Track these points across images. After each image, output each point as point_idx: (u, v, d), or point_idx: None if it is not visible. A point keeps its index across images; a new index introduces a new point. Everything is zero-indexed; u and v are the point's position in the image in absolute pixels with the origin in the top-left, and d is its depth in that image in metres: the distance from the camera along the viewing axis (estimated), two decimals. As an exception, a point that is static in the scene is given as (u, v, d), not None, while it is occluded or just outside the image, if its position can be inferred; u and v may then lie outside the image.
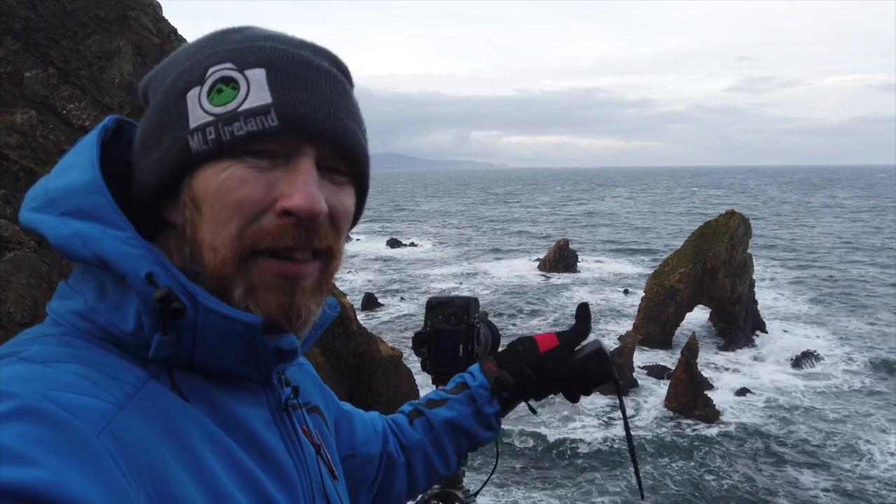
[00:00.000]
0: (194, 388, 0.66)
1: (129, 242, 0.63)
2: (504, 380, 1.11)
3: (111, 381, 0.59)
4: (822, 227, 67.41)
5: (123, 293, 0.64)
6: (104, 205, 0.64)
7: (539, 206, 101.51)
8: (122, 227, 0.63)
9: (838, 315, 30.82)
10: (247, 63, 0.67)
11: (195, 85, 0.67)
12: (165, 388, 0.63)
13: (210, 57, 0.68)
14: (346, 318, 19.48)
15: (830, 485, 15.83)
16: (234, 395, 0.70)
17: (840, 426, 19.02)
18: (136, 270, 0.61)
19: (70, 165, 0.67)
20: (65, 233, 0.63)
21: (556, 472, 16.46)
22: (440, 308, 1.15)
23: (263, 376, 0.72)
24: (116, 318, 0.64)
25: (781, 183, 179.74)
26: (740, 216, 28.13)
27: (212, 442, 0.64)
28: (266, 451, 0.70)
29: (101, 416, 0.56)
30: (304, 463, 0.76)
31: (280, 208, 0.66)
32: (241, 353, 0.68)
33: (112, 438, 0.55)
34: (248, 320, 0.65)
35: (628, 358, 21.43)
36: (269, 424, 0.73)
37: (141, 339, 0.64)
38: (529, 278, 39.89)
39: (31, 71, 14.51)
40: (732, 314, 26.32)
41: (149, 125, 0.70)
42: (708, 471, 16.53)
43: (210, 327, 0.64)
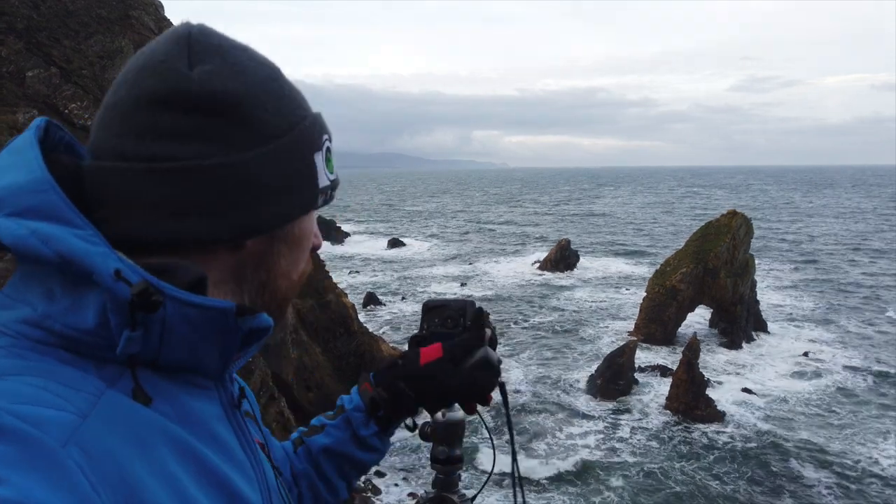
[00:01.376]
0: (155, 388, 0.65)
1: (90, 240, 0.61)
2: (379, 398, 1.07)
3: (71, 391, 0.58)
4: (824, 227, 67.33)
5: (77, 294, 0.62)
6: (58, 203, 0.62)
7: (540, 206, 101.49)
8: (81, 225, 0.62)
9: (840, 316, 30.78)
10: (330, 136, 0.81)
11: (317, 150, 0.78)
12: (125, 394, 0.62)
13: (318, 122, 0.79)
14: (348, 317, 19.49)
15: (833, 485, 15.81)
16: (189, 392, 0.70)
17: (842, 427, 19.00)
18: (105, 267, 0.60)
19: (6, 166, 0.65)
20: (21, 232, 0.60)
21: (557, 475, 16.45)
22: (436, 311, 1.13)
23: (221, 368, 0.72)
24: (73, 319, 0.62)
25: (783, 183, 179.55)
26: (742, 216, 28.11)
27: (176, 445, 0.63)
28: (225, 447, 0.71)
29: (66, 427, 0.54)
30: (258, 460, 0.77)
31: (314, 247, 0.85)
32: (211, 341, 0.68)
33: (79, 450, 0.54)
34: (222, 306, 0.67)
35: (629, 358, 21.41)
36: (223, 421, 0.73)
37: (102, 337, 0.62)
38: (531, 278, 39.88)
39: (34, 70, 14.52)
40: (734, 314, 26.30)
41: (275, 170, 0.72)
42: (709, 472, 16.51)
43: (181, 318, 0.64)
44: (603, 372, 21.40)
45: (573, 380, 22.35)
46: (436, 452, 1.17)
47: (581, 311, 31.47)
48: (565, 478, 16.09)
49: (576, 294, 35.17)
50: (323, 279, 19.20)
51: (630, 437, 18.26)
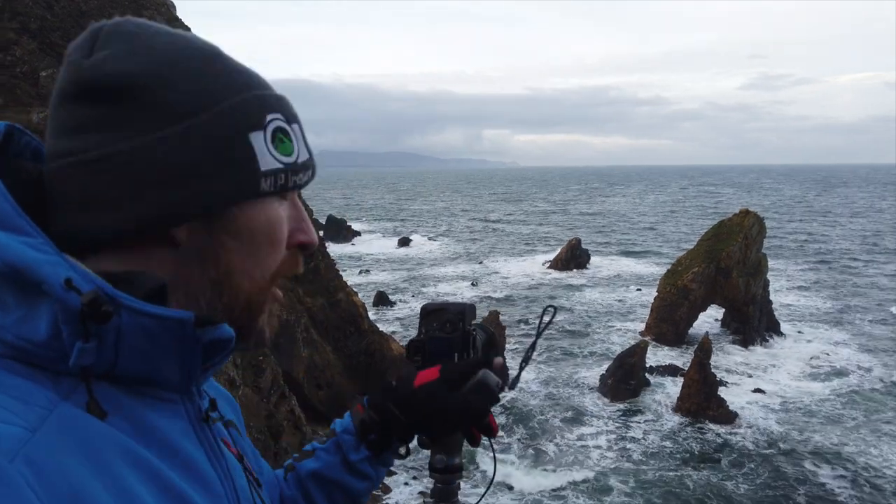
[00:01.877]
0: (112, 401, 0.63)
1: (40, 248, 0.59)
2: (370, 421, 1.03)
3: (21, 404, 0.56)
4: (838, 226, 66.70)
5: (29, 304, 0.61)
6: (7, 210, 0.60)
7: (550, 205, 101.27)
8: (31, 233, 0.60)
9: (854, 316, 30.48)
10: (289, 117, 0.75)
11: (256, 129, 0.70)
12: (79, 407, 0.60)
13: (258, 100, 0.72)
14: (358, 316, 19.53)
15: (848, 487, 15.66)
16: (151, 407, 0.67)
17: (856, 429, 18.81)
18: (55, 276, 0.58)
19: None
20: None
21: (569, 475, 16.40)
22: (435, 315, 1.09)
23: (184, 382, 0.70)
24: (25, 330, 0.60)
25: (796, 181, 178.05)
26: (754, 215, 27.90)
27: (132, 460, 0.61)
28: (189, 463, 0.68)
29: (14, 441, 0.53)
30: (228, 474, 0.74)
31: (298, 243, 0.77)
32: (168, 353, 0.66)
33: (27, 464, 0.52)
34: (180, 316, 0.64)
35: (640, 358, 21.32)
36: (189, 435, 0.71)
37: (54, 349, 0.60)
38: (541, 277, 39.79)
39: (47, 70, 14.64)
40: (746, 314, 26.11)
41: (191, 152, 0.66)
42: (723, 473, 16.40)
43: (137, 329, 0.62)
44: (614, 372, 21.31)
45: (584, 380, 22.28)
46: (434, 461, 1.11)
47: (592, 311, 31.36)
48: (577, 478, 16.03)
49: (586, 294, 35.05)
50: (333, 278, 19.25)
51: (642, 438, 18.17)
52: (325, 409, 17.97)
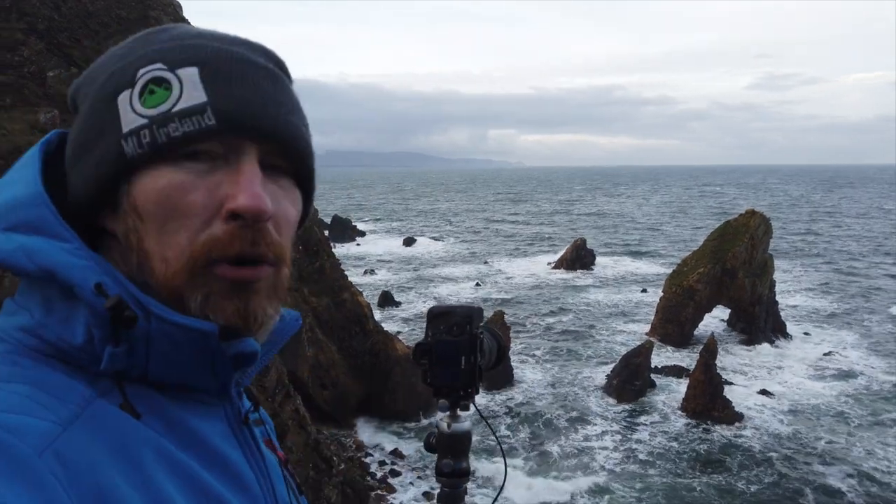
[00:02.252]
0: (147, 403, 0.63)
1: (75, 254, 0.61)
2: None
3: (56, 400, 0.57)
4: (845, 227, 66.38)
5: (70, 307, 0.62)
6: (48, 217, 0.62)
7: (555, 205, 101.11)
8: (68, 238, 0.62)
9: (861, 317, 30.32)
10: (178, 62, 0.65)
11: (126, 88, 0.65)
12: (114, 405, 0.61)
13: (139, 59, 0.66)
14: (363, 316, 19.54)
15: (856, 489, 15.56)
16: (189, 409, 0.67)
17: (863, 429, 18.71)
18: (85, 281, 0.60)
19: (12, 181, 0.66)
20: (8, 247, 0.61)
21: (574, 476, 16.37)
22: (442, 318, 1.08)
23: (221, 387, 0.70)
24: (65, 332, 0.62)
25: (803, 182, 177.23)
26: (760, 216, 27.79)
27: (165, 460, 0.61)
28: (226, 465, 0.68)
29: (44, 436, 0.54)
30: (267, 476, 0.74)
31: (226, 211, 0.63)
32: (197, 362, 0.66)
33: (56, 459, 0.53)
34: (203, 328, 0.63)
35: (645, 358, 21.26)
36: (229, 438, 0.71)
37: (90, 352, 0.62)
38: (546, 277, 39.74)
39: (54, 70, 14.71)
40: (752, 315, 26.02)
41: (80, 132, 0.67)
42: (729, 474, 16.34)
43: (164, 337, 0.62)
44: (619, 372, 21.26)
45: (589, 380, 22.24)
46: (441, 465, 1.11)
47: (597, 311, 31.30)
48: (582, 480, 15.99)
49: (591, 294, 34.98)
50: (338, 278, 19.27)
51: (648, 439, 18.12)
52: (329, 408, 18.00)
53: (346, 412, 18.49)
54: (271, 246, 0.67)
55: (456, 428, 1.10)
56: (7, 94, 13.62)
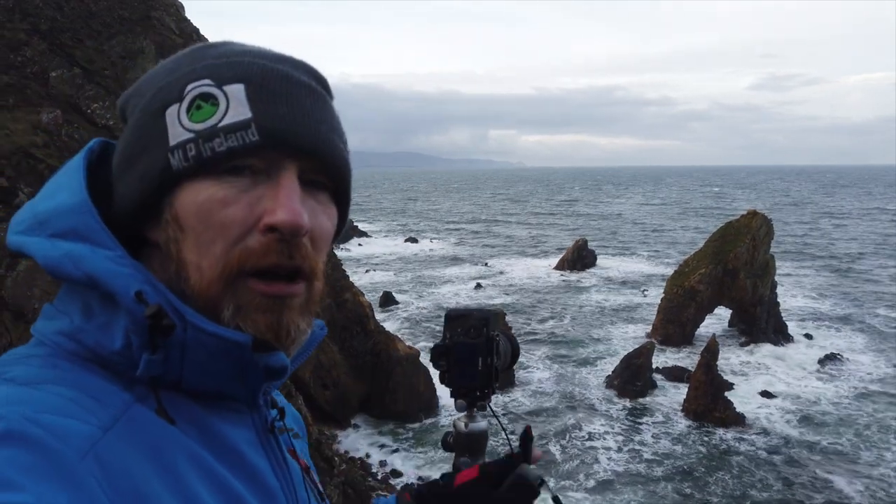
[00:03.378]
0: (181, 409, 0.65)
1: (118, 262, 0.63)
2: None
3: (96, 403, 0.59)
4: (847, 228, 66.27)
5: (111, 313, 0.64)
6: (93, 225, 0.64)
7: (556, 206, 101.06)
8: (111, 246, 0.64)
9: (864, 318, 30.26)
10: (225, 79, 0.67)
11: (174, 102, 0.67)
12: (151, 410, 0.62)
13: (188, 74, 0.68)
14: (364, 316, 19.55)
15: (861, 490, 15.52)
16: (220, 416, 0.69)
17: (867, 431, 18.65)
18: (126, 288, 0.61)
19: (58, 188, 0.68)
20: (54, 254, 0.63)
21: (576, 478, 16.36)
22: (459, 320, 1.10)
23: (250, 396, 0.72)
24: (104, 337, 0.64)
25: (805, 182, 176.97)
26: (762, 216, 27.76)
27: (198, 465, 0.63)
28: (253, 472, 0.70)
29: (86, 439, 0.55)
30: (291, 485, 0.76)
31: (264, 225, 0.65)
32: (229, 371, 0.67)
33: (96, 462, 0.54)
34: (236, 338, 0.65)
35: (647, 359, 21.26)
36: (256, 446, 0.72)
37: (128, 358, 0.63)
38: (547, 278, 39.73)
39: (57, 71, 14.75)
40: (753, 316, 25.99)
41: (128, 143, 0.70)
42: (732, 475, 16.31)
43: (199, 346, 0.64)
44: (620, 373, 21.26)
45: (590, 381, 22.23)
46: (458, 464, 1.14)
47: (598, 312, 31.28)
48: (585, 481, 15.98)
49: (593, 294, 34.97)
50: (340, 278, 19.28)
51: (649, 440, 18.11)
52: (331, 408, 18.02)
53: (347, 412, 18.51)
54: (306, 260, 0.69)
55: (473, 427, 1.14)
56: (10, 94, 13.65)
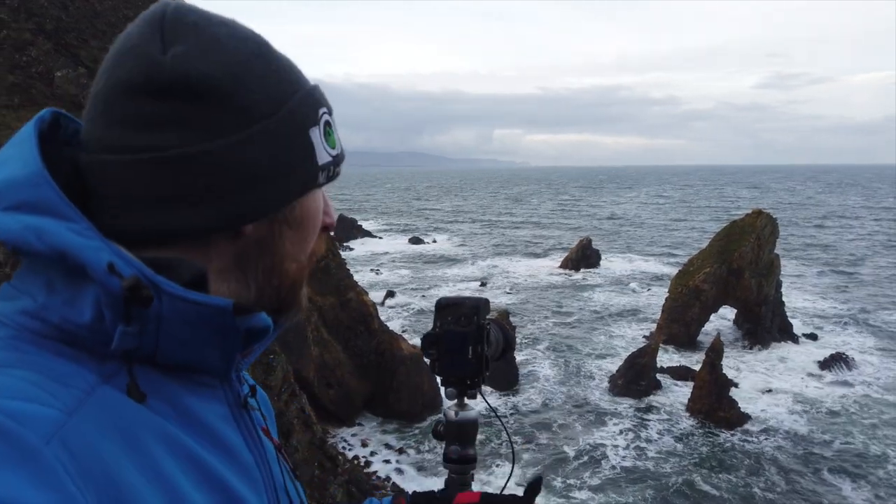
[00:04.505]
0: (152, 385, 0.64)
1: (84, 234, 0.61)
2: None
3: (61, 386, 0.57)
4: (852, 227, 66.02)
5: (76, 287, 0.62)
6: (52, 197, 0.62)
7: (561, 205, 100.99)
8: (75, 218, 0.61)
9: (868, 317, 30.15)
10: (329, 109, 0.78)
11: (313, 125, 0.74)
12: (119, 391, 0.61)
13: (312, 96, 0.76)
14: (368, 315, 19.56)
15: (868, 491, 15.47)
16: (192, 391, 0.69)
17: (872, 431, 18.60)
18: (97, 260, 0.60)
19: (6, 159, 0.65)
20: (14, 227, 0.60)
21: (581, 477, 16.35)
22: (450, 309, 1.11)
23: (224, 367, 0.71)
24: (70, 312, 0.62)
25: (810, 182, 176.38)
26: (767, 216, 27.68)
27: (170, 443, 0.62)
28: (226, 447, 0.69)
29: (50, 424, 0.53)
30: (265, 461, 0.76)
31: (325, 225, 0.81)
32: (208, 339, 0.67)
33: (62, 447, 0.53)
34: (219, 303, 0.65)
35: (651, 358, 21.22)
36: (229, 420, 0.72)
37: (98, 332, 0.61)
38: (551, 277, 39.70)
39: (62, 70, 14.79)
40: (758, 315, 25.92)
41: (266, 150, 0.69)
42: (737, 475, 16.28)
43: (176, 315, 0.63)
44: (624, 372, 21.23)
45: (594, 380, 22.21)
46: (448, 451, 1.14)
47: (602, 311, 31.25)
48: (590, 480, 15.97)
49: (597, 294, 34.93)
50: (344, 277, 19.30)
51: (654, 439, 18.09)
52: (334, 408, 18.05)
53: (351, 411, 18.53)
54: None
55: (463, 416, 1.13)
56: (15, 93, 13.70)
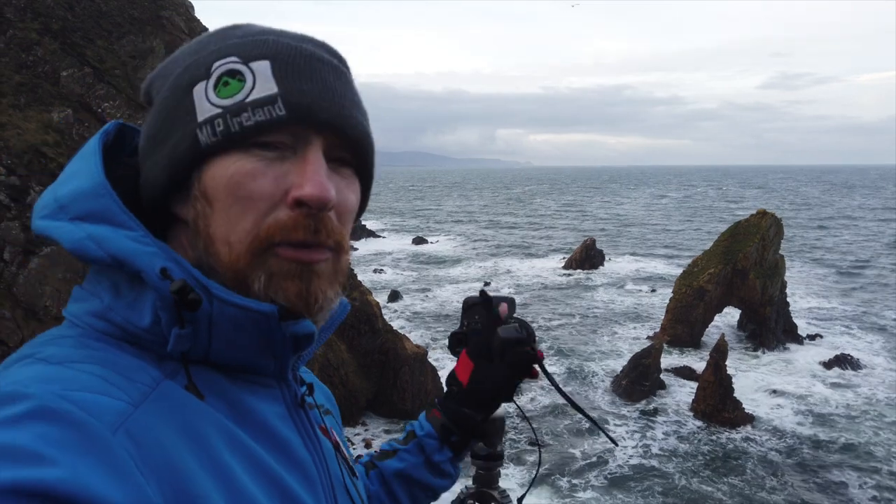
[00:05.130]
0: (210, 384, 0.66)
1: (140, 241, 0.64)
2: (450, 424, 1.08)
3: (126, 380, 0.60)
4: (857, 228, 65.75)
5: (138, 291, 0.65)
6: (112, 206, 0.66)
7: (565, 205, 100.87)
8: (133, 226, 0.65)
9: (873, 318, 30.03)
10: (251, 56, 0.68)
11: (201, 79, 0.68)
12: (180, 386, 0.64)
13: (214, 52, 0.70)
14: (372, 314, 19.59)
15: (874, 493, 15.41)
16: (249, 390, 0.70)
17: (878, 432, 18.53)
18: (151, 266, 0.63)
19: (75, 172, 0.69)
20: (78, 236, 0.65)
21: (586, 478, 16.33)
22: (476, 308, 1.12)
23: (279, 368, 0.73)
24: (132, 315, 0.65)
25: (815, 182, 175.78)
26: (772, 216, 27.60)
27: (229, 439, 0.64)
28: (283, 445, 0.70)
29: (117, 414, 0.56)
30: (323, 459, 0.76)
31: (292, 199, 0.66)
32: (256, 343, 0.68)
33: (128, 437, 0.55)
34: (262, 309, 0.66)
35: (655, 359, 21.18)
36: (286, 419, 0.73)
37: (157, 334, 0.65)
38: (555, 277, 39.67)
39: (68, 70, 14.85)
40: (763, 316, 25.84)
41: (155, 122, 0.71)
42: (743, 477, 16.23)
43: (226, 319, 0.65)
44: (628, 373, 21.20)
45: (598, 380, 22.19)
46: (476, 449, 1.18)
47: (606, 311, 31.21)
48: (595, 479, 15.95)
49: (601, 294, 34.88)
50: (348, 277, 19.31)
51: (659, 440, 18.05)
52: (339, 407, 18.07)
53: (355, 411, 18.55)
54: (332, 233, 0.70)
55: None
56: (21, 93, 13.76)
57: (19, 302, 11.57)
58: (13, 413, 0.52)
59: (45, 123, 13.34)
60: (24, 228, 11.68)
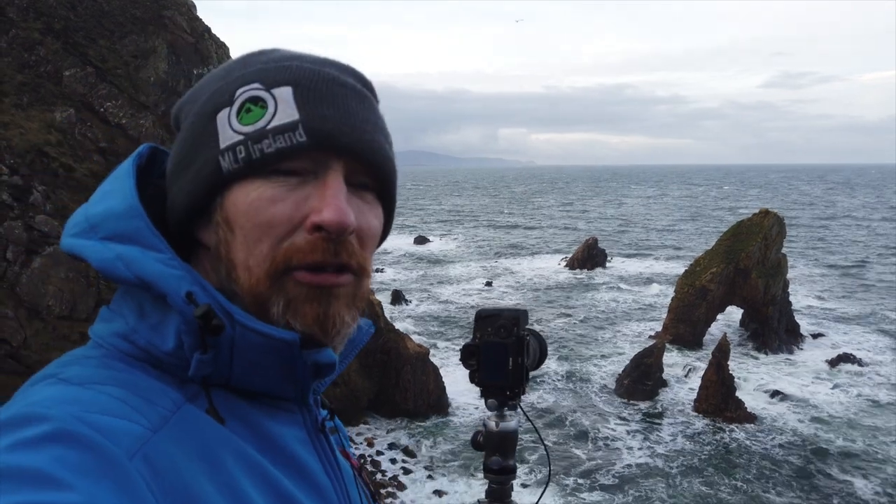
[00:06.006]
0: (231, 408, 0.67)
1: (168, 263, 0.65)
2: None
3: (147, 403, 0.60)
4: (859, 228, 65.64)
5: (163, 314, 0.66)
6: (143, 229, 0.66)
7: (566, 205, 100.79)
8: (161, 249, 0.66)
9: (876, 318, 29.96)
10: (273, 82, 0.69)
11: (224, 106, 0.69)
12: (201, 410, 0.64)
13: (238, 79, 0.70)
14: (374, 314, 19.61)
15: (878, 493, 15.37)
16: (270, 415, 0.71)
17: (880, 432, 18.50)
18: (177, 290, 0.63)
19: (108, 192, 0.70)
20: (107, 256, 0.65)
21: (590, 478, 16.32)
22: (489, 320, 1.11)
23: (300, 395, 0.73)
24: (156, 338, 0.65)
25: (818, 181, 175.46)
26: (774, 215, 27.55)
27: (248, 465, 0.64)
28: (303, 470, 0.70)
29: (135, 439, 0.56)
30: (343, 484, 0.76)
31: (311, 224, 0.67)
32: (278, 370, 0.69)
33: (145, 462, 0.55)
34: (284, 337, 0.66)
35: (657, 358, 21.17)
36: (306, 444, 0.73)
37: (180, 358, 0.65)
38: (557, 277, 39.65)
39: (71, 70, 14.86)
40: (765, 315, 25.81)
41: (181, 148, 0.72)
42: (745, 475, 16.21)
43: (247, 345, 0.66)
44: (630, 372, 21.18)
45: (601, 379, 22.17)
46: (489, 462, 1.15)
47: (608, 311, 31.19)
48: (600, 479, 15.93)
49: (603, 293, 34.86)
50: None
51: (661, 440, 18.04)
52: (340, 406, 18.08)
53: (356, 410, 18.56)
54: (353, 256, 0.70)
55: (504, 427, 1.13)
56: (24, 92, 13.78)
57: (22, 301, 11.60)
58: (32, 435, 0.53)
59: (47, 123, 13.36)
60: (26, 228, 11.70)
